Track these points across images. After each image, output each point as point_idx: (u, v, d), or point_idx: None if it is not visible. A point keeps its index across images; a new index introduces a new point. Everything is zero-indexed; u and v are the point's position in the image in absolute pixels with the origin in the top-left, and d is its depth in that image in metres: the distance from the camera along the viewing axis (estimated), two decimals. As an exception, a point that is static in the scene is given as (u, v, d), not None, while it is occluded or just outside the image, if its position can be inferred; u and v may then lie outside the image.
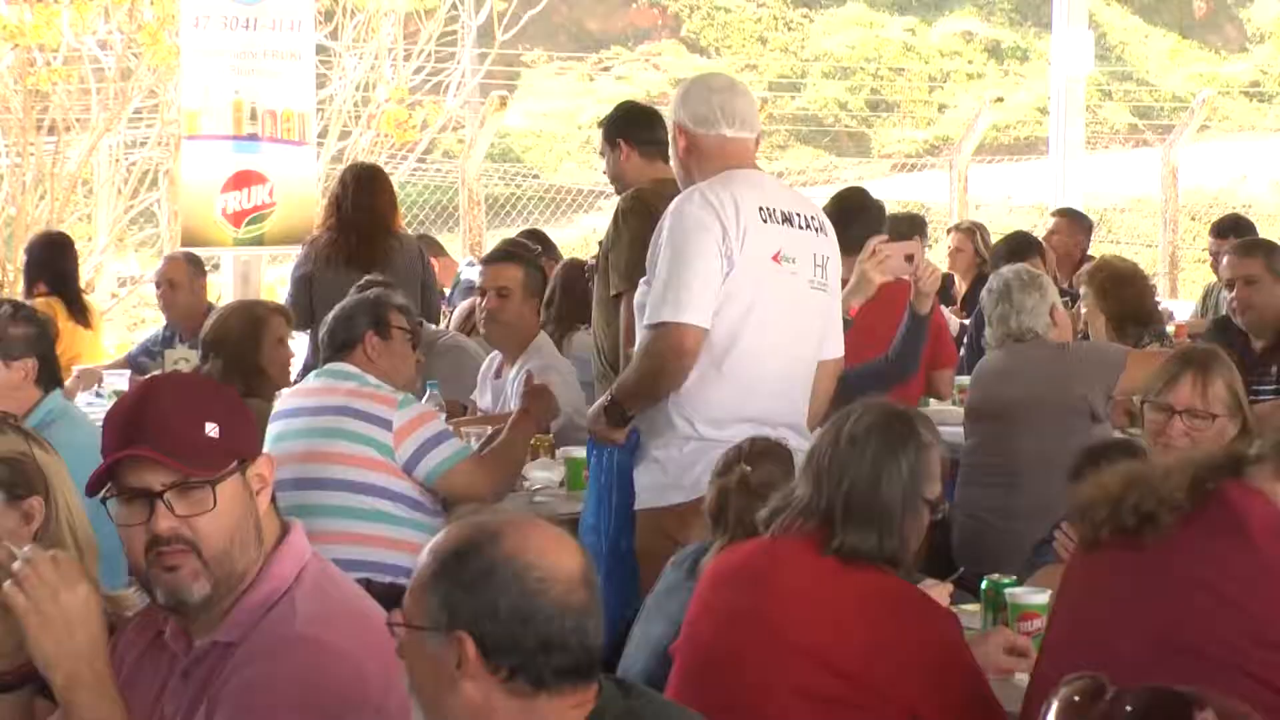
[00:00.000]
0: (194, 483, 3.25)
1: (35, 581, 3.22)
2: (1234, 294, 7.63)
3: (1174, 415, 5.32)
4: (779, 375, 5.88)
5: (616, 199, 7.69)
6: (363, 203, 9.55)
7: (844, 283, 6.70)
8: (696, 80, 6.34)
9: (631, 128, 8.54)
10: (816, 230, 6.00)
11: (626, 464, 5.96)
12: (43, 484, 3.92)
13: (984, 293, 7.55)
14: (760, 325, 5.79)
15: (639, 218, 7.78)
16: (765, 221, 5.83)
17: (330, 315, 6.58)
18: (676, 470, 5.76)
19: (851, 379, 6.26)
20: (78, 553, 3.97)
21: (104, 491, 3.32)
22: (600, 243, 7.84)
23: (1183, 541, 3.62)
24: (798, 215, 5.96)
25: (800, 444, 5.35)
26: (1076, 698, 2.22)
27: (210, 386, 3.75)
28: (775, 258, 5.83)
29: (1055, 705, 2.25)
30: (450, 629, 2.82)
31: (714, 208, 5.74)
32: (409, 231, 10.19)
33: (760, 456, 4.82)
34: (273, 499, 3.43)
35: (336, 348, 6.42)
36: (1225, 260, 7.84)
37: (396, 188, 17.97)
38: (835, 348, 6.13)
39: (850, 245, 7.05)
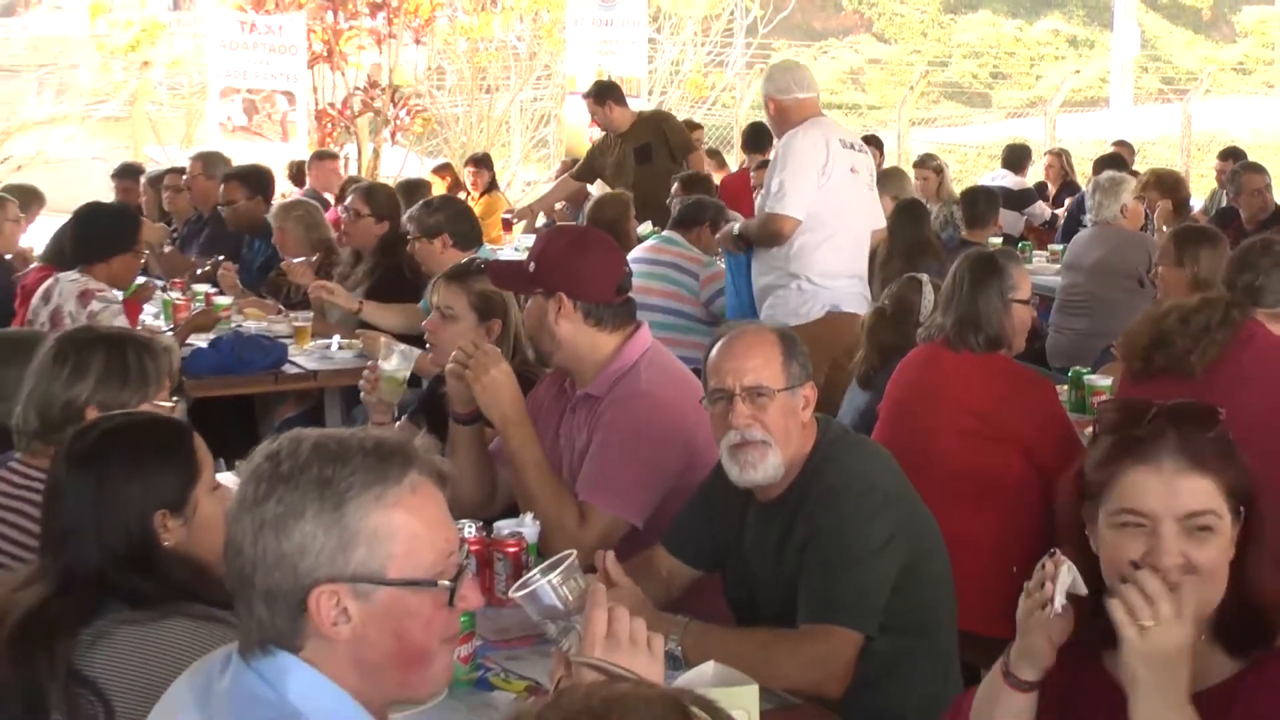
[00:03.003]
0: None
1: (478, 364, 3.25)
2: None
3: None
4: (857, 241, 5.68)
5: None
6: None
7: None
8: (774, 66, 6.10)
9: (613, 92, 8.60)
10: (861, 150, 5.73)
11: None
12: (503, 310, 3.89)
13: (1086, 187, 7.81)
14: (845, 213, 5.56)
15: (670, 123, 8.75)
16: (843, 147, 5.60)
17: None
18: (790, 308, 5.53)
19: None
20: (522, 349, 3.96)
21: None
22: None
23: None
24: (855, 143, 5.74)
25: (863, 288, 5.53)
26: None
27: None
28: (852, 169, 5.60)
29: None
30: (803, 382, 2.82)
31: (815, 142, 5.51)
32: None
33: (898, 289, 4.64)
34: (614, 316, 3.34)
35: (679, 223, 6.51)
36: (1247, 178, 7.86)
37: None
38: (879, 220, 5.91)
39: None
